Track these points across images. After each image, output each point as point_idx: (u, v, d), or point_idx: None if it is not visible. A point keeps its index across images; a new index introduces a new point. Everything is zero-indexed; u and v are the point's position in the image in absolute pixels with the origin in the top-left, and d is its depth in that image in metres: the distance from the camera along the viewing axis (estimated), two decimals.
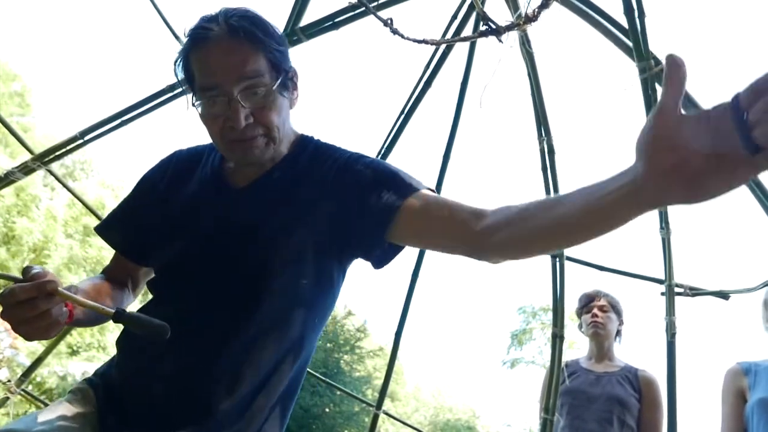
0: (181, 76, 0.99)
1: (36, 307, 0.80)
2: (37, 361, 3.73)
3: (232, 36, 0.91)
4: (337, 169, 1.01)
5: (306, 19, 2.60)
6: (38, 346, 10.46)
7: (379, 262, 1.00)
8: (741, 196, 2.19)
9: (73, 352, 12.03)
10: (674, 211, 2.58)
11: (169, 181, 1.11)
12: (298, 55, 2.77)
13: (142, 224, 1.09)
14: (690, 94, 2.19)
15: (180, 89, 2.72)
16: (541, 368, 16.70)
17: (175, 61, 0.97)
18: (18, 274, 0.85)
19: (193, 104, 0.97)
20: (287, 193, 1.00)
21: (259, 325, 0.94)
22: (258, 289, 0.94)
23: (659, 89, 2.22)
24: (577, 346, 12.63)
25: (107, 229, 1.17)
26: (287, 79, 0.99)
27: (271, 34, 0.95)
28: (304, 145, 1.08)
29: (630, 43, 2.16)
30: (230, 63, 0.92)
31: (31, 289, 0.80)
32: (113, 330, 11.81)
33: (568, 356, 2.97)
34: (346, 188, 0.97)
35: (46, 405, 1.11)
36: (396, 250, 0.99)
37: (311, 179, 1.01)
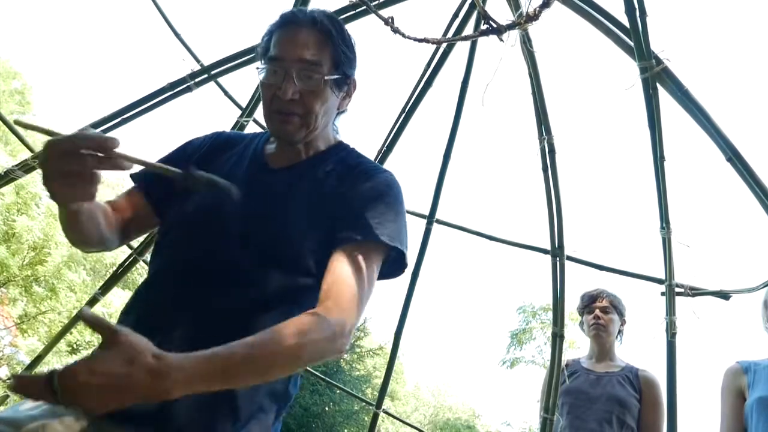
0: (262, 46, 1.12)
1: (85, 164, 0.78)
2: (37, 359, 3.73)
3: (309, 25, 1.07)
4: (348, 178, 1.10)
5: None
6: (38, 344, 10.46)
7: None
8: (743, 197, 2.19)
9: (73, 351, 12.02)
10: (675, 210, 2.57)
11: (208, 150, 1.20)
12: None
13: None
14: (690, 94, 2.19)
15: (180, 88, 2.73)
16: (541, 368, 16.70)
17: (264, 35, 1.12)
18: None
19: (258, 70, 1.10)
20: (307, 185, 1.10)
21: (268, 289, 0.99)
22: (269, 254, 1.01)
23: (660, 89, 2.23)
24: (577, 346, 12.64)
25: (139, 174, 1.20)
26: (343, 81, 1.13)
27: (343, 38, 1.11)
28: (339, 149, 1.19)
29: (631, 43, 2.16)
30: (298, 44, 1.06)
31: (93, 141, 0.77)
32: None
33: (568, 355, 2.97)
34: (343, 198, 1.07)
35: None
36: None
37: (329, 179, 1.11)
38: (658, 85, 2.23)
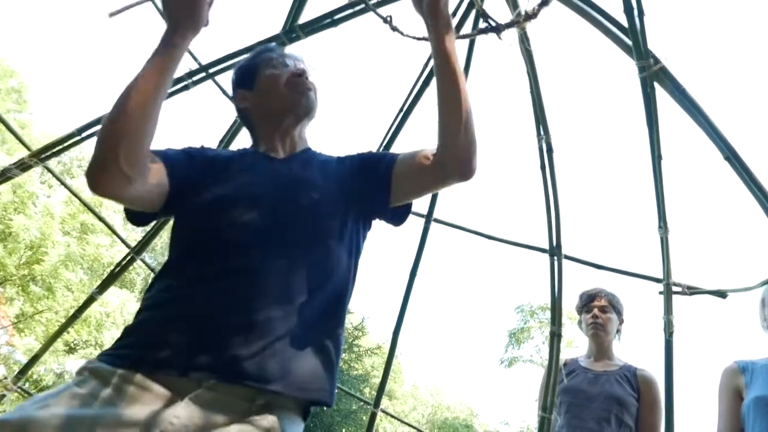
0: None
1: None
2: (34, 359, 3.72)
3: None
4: (339, 158, 1.35)
5: (305, 17, 2.60)
6: (35, 344, 10.43)
7: (394, 219, 1.30)
8: (740, 195, 2.20)
9: (70, 350, 12.00)
10: (672, 209, 2.58)
11: (205, 156, 1.27)
12: (296, 53, 2.76)
13: (192, 164, 1.22)
14: (689, 93, 2.19)
15: (178, 86, 2.72)
16: (539, 367, 16.73)
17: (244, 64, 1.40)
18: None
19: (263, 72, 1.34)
20: (316, 166, 1.29)
21: (303, 256, 1.11)
22: (306, 228, 1.15)
23: (658, 88, 2.23)
24: (575, 345, 12.67)
25: (163, 152, 1.20)
26: None
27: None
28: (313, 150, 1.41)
29: (629, 42, 2.16)
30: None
31: None
32: (110, 328, 11.76)
33: (566, 355, 2.97)
34: (349, 168, 1.29)
35: None
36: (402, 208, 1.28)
37: (326, 162, 1.33)
38: (655, 84, 2.23)
